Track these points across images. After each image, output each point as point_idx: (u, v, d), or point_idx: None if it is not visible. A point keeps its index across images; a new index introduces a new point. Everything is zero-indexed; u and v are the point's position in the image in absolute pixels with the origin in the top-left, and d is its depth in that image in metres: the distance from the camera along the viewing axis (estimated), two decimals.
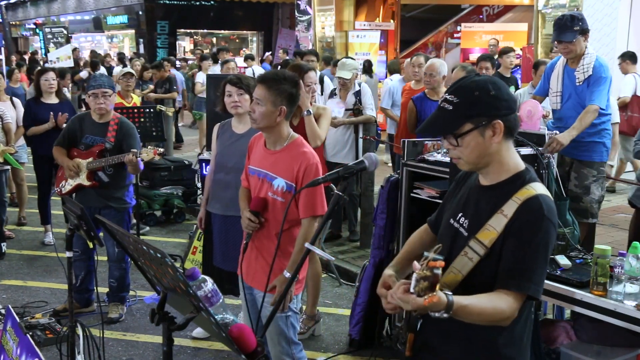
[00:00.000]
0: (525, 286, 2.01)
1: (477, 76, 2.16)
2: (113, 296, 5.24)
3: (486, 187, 2.16)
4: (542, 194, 2.07)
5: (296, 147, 3.32)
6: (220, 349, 4.67)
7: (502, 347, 2.14)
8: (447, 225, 2.25)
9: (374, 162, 2.69)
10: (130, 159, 4.74)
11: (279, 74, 3.30)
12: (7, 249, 6.78)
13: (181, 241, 7.09)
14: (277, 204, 3.27)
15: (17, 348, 3.16)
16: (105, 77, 5.11)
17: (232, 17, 24.68)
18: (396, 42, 15.88)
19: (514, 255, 2.02)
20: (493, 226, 2.05)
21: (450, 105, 2.07)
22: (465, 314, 1.92)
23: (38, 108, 6.81)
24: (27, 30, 33.68)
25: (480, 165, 2.13)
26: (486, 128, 2.06)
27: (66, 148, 5.06)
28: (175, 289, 2.13)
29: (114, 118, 5.03)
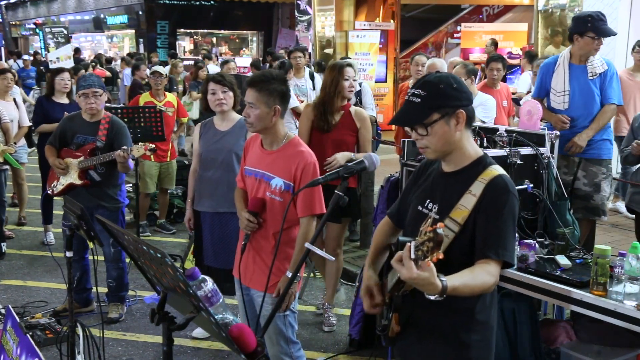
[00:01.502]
0: (501, 253, 2.26)
1: (439, 72, 2.45)
2: (112, 296, 5.24)
3: (451, 173, 2.43)
4: (503, 173, 2.36)
5: (293, 147, 3.33)
6: (220, 349, 4.67)
7: (477, 313, 2.41)
8: (416, 212, 2.48)
9: (373, 162, 2.70)
10: (120, 155, 4.74)
11: (266, 74, 3.29)
12: (7, 249, 6.78)
13: (181, 241, 7.09)
14: (275, 203, 3.27)
15: (17, 348, 3.16)
16: (95, 77, 5.10)
17: (232, 17, 24.69)
18: (396, 42, 15.86)
19: (487, 227, 2.28)
20: (464, 205, 2.31)
21: (419, 98, 2.32)
22: (458, 293, 2.14)
23: (50, 106, 6.82)
24: (27, 30, 33.68)
25: (446, 152, 2.38)
26: (451, 117, 2.33)
27: (58, 148, 5.06)
28: (175, 289, 2.13)
29: (105, 117, 5.03)
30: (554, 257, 3.59)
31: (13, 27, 34.28)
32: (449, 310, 2.37)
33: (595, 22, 4.90)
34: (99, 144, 4.94)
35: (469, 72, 5.79)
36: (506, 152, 3.85)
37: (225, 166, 4.43)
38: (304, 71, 8.68)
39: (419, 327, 2.44)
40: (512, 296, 3.68)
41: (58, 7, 30.17)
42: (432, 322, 2.42)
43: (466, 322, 2.40)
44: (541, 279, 3.39)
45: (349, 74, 4.82)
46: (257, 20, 25.14)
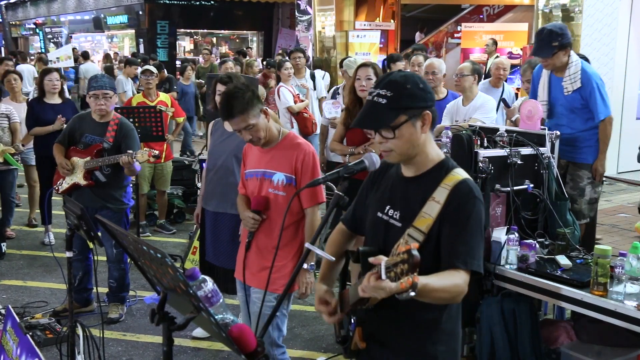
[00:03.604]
0: (470, 262, 2.15)
1: (402, 72, 2.32)
2: (113, 296, 5.23)
3: (412, 177, 2.31)
4: (467, 177, 2.25)
5: (290, 140, 3.40)
6: (221, 349, 4.67)
7: (443, 323, 2.32)
8: (376, 219, 2.38)
9: (374, 162, 2.68)
10: (125, 160, 4.74)
11: (232, 94, 3.25)
12: (7, 249, 6.78)
13: (181, 241, 7.09)
14: (278, 198, 3.31)
15: (17, 348, 3.15)
16: (107, 78, 5.10)
17: (232, 17, 24.66)
18: (396, 42, 15.87)
19: (454, 236, 2.17)
20: (428, 213, 2.20)
21: (384, 99, 2.19)
22: (428, 291, 2.01)
23: (41, 108, 6.81)
24: (27, 30, 33.65)
25: (410, 156, 2.27)
26: (417, 119, 2.22)
27: (66, 146, 5.06)
28: (175, 289, 2.12)
29: (114, 118, 5.03)
30: (554, 257, 3.59)
31: (13, 27, 34.24)
32: (414, 323, 2.30)
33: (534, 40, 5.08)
34: (106, 145, 4.94)
35: (473, 71, 5.74)
36: (506, 152, 3.84)
37: (225, 167, 4.43)
38: (304, 71, 8.67)
39: (384, 341, 2.36)
40: (513, 296, 3.68)
41: (58, 7, 30.13)
42: (397, 335, 2.34)
43: (432, 334, 2.32)
44: (542, 279, 3.39)
45: (359, 74, 4.86)
46: (257, 20, 25.12)
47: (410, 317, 2.28)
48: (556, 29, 4.98)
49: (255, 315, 3.37)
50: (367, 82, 4.87)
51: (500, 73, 6.81)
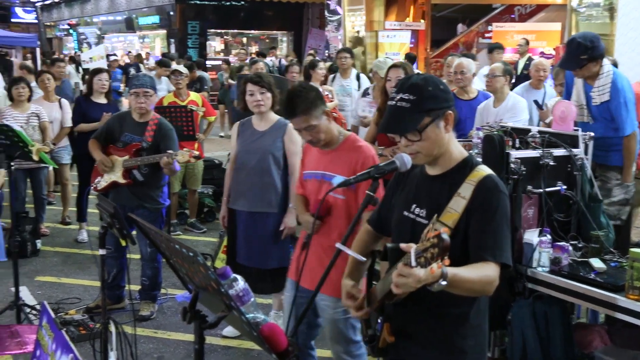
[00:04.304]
0: (498, 254, 2.18)
1: (421, 74, 2.36)
2: (145, 294, 5.29)
3: (436, 176, 2.36)
4: (491, 173, 2.30)
5: (351, 143, 3.35)
6: (250, 348, 4.69)
7: (472, 318, 2.34)
8: (402, 217, 2.42)
9: (405, 163, 2.67)
10: (165, 160, 4.77)
11: (296, 93, 3.26)
12: (42, 246, 6.89)
13: (211, 240, 7.14)
14: (338, 202, 3.29)
15: (52, 343, 3.21)
16: (148, 77, 5.16)
17: (262, 17, 24.79)
18: (427, 42, 15.80)
19: (481, 230, 2.21)
20: (454, 208, 2.24)
21: (408, 103, 2.24)
22: (459, 282, 2.03)
23: (88, 106, 6.93)
24: (61, 31, 34.19)
25: (436, 156, 2.31)
26: (440, 119, 2.27)
27: (102, 143, 5.12)
28: (206, 288, 2.14)
29: (154, 118, 5.08)
30: (588, 260, 3.54)
31: (48, 28, 34.83)
32: (442, 317, 2.32)
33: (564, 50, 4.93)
34: (145, 144, 5.00)
35: (505, 72, 5.66)
36: (539, 153, 3.80)
37: (261, 167, 4.45)
38: (350, 72, 8.64)
39: (412, 336, 2.38)
40: (545, 299, 3.63)
41: (91, 7, 30.57)
42: (426, 330, 2.36)
43: (460, 328, 2.34)
44: (575, 282, 3.35)
45: (390, 75, 4.85)
46: (287, 20, 25.22)
47: (438, 312, 2.30)
48: (586, 41, 4.78)
49: (326, 320, 3.40)
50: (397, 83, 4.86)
51: (540, 74, 6.69)
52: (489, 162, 2.45)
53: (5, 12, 31.97)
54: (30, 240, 6.69)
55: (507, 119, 5.20)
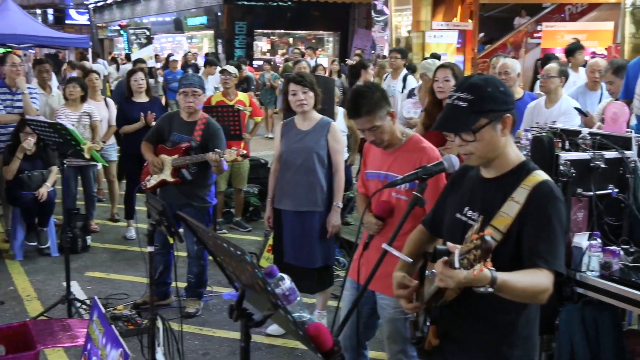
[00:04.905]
0: (551, 262, 2.13)
1: (482, 75, 2.33)
2: (191, 291, 5.35)
3: (492, 179, 2.32)
4: (547, 179, 2.25)
5: (414, 144, 3.34)
6: (295, 347, 4.72)
7: (520, 327, 2.29)
8: (454, 220, 2.39)
9: (453, 164, 2.66)
10: (213, 158, 4.82)
11: (360, 94, 3.24)
12: (92, 242, 7.05)
13: (257, 239, 7.19)
14: (401, 202, 3.28)
15: (102, 337, 3.28)
16: (197, 77, 5.23)
17: (308, 17, 24.87)
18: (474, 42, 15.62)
19: (535, 236, 2.15)
20: (507, 212, 2.20)
21: (465, 102, 2.21)
22: (509, 288, 1.99)
23: (129, 107, 7.08)
24: (111, 31, 34.88)
25: (490, 158, 2.28)
26: (498, 122, 2.23)
27: (154, 144, 5.21)
28: (253, 286, 2.16)
29: (202, 118, 5.14)
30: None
31: (99, 29, 35.58)
32: (489, 323, 2.29)
33: None
34: (194, 143, 5.06)
35: (560, 72, 5.53)
36: (589, 155, 3.72)
37: (306, 166, 4.48)
38: (400, 72, 8.59)
39: (458, 340, 2.35)
40: (594, 304, 3.56)
41: (141, 9, 31.12)
42: (472, 335, 2.33)
43: (508, 336, 2.29)
44: (626, 287, 3.27)
45: (438, 76, 4.82)
46: (333, 20, 25.24)
47: (485, 318, 2.26)
48: None
49: (385, 319, 3.41)
50: (444, 83, 4.81)
51: (596, 75, 6.48)
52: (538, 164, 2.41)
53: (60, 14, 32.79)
54: (81, 237, 6.86)
55: (560, 123, 5.09)
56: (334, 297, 5.29)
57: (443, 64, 4.98)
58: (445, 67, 4.88)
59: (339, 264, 6.18)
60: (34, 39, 14.12)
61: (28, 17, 15.31)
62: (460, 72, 4.94)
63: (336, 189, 4.54)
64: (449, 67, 4.89)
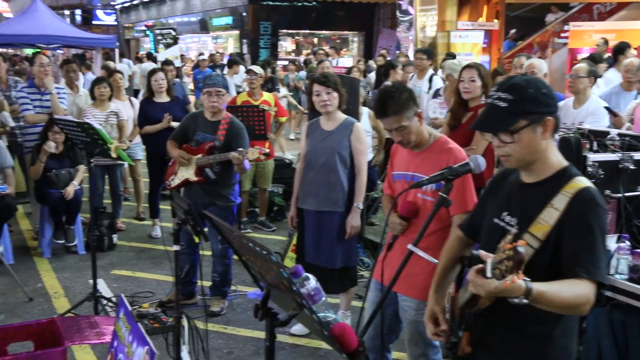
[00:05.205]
0: (593, 271, 2.05)
1: (525, 76, 2.26)
2: (215, 290, 5.38)
3: (531, 184, 2.25)
4: (589, 185, 2.17)
5: (441, 145, 3.32)
6: (318, 347, 4.72)
7: (557, 337, 2.22)
8: (492, 225, 2.33)
9: (479, 165, 2.65)
10: (235, 157, 4.85)
11: (388, 94, 3.23)
12: (118, 241, 7.12)
13: (281, 239, 7.20)
14: (427, 204, 3.27)
15: (129, 335, 3.31)
16: (221, 77, 5.26)
17: (333, 17, 24.87)
18: (500, 42, 15.49)
19: (576, 244, 2.08)
20: (545, 220, 2.13)
21: (505, 102, 2.16)
22: (546, 300, 1.94)
23: (150, 107, 7.13)
24: (138, 32, 35.20)
25: (529, 162, 2.21)
26: (538, 124, 2.16)
27: (179, 143, 5.25)
28: (278, 286, 2.16)
29: (226, 117, 5.17)
30: None
31: (126, 29, 35.93)
32: (524, 333, 2.22)
33: None
34: (217, 143, 5.09)
35: (589, 73, 5.45)
36: (618, 156, 3.67)
37: (328, 166, 4.49)
38: (426, 73, 8.58)
39: (492, 349, 2.30)
40: (623, 308, 3.51)
41: (167, 9, 31.38)
42: (506, 345, 2.27)
43: (544, 348, 2.22)
44: None
45: (463, 76, 4.80)
46: (358, 20, 25.21)
47: (520, 328, 2.20)
48: None
49: (406, 322, 3.40)
50: (470, 84, 4.79)
51: (630, 76, 6.37)
52: None
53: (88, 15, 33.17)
54: (107, 235, 6.94)
55: (588, 124, 5.03)
56: (358, 298, 5.29)
57: (469, 64, 4.96)
58: (471, 68, 4.85)
59: (363, 265, 6.17)
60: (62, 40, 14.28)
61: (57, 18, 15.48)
62: (486, 72, 4.91)
63: (357, 190, 4.53)
64: (474, 67, 4.86)
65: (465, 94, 4.81)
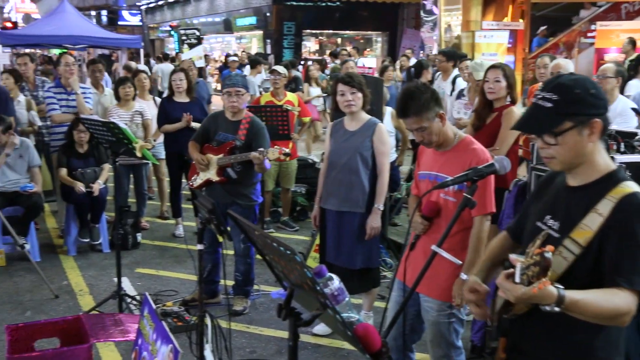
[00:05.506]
0: (636, 281, 1.97)
1: (573, 74, 2.15)
2: (238, 289, 5.40)
3: (576, 187, 2.16)
4: (637, 191, 2.06)
5: (466, 145, 3.31)
6: (340, 347, 4.71)
7: (599, 349, 2.11)
8: (534, 228, 2.24)
9: (504, 166, 2.64)
10: (256, 157, 4.87)
11: (409, 94, 3.21)
12: (142, 239, 7.18)
13: (304, 239, 7.21)
14: (449, 204, 3.26)
15: (153, 333, 3.33)
16: (240, 77, 5.28)
17: (357, 17, 24.85)
18: (525, 42, 15.35)
19: (619, 252, 1.99)
20: (588, 225, 2.04)
21: (550, 102, 2.07)
22: (579, 309, 1.89)
23: (170, 106, 7.18)
24: (163, 32, 35.47)
25: (574, 165, 2.13)
26: (585, 127, 2.07)
27: (200, 144, 5.28)
28: (302, 286, 2.16)
29: (246, 117, 5.19)
30: None
31: (151, 29, 36.23)
32: (562, 342, 2.12)
33: None
34: (238, 143, 5.12)
35: (617, 73, 5.38)
36: None
37: (350, 166, 4.48)
38: (450, 74, 8.55)
39: (528, 354, 2.22)
40: None
41: (192, 9, 31.59)
42: (543, 352, 2.18)
43: (583, 358, 2.13)
44: None
45: (488, 76, 4.76)
46: (382, 20, 25.17)
47: (557, 336, 2.12)
48: None
49: (428, 322, 3.40)
50: (495, 84, 4.75)
51: None
52: None
53: (114, 16, 33.51)
54: (132, 234, 7.00)
55: (616, 124, 4.97)
56: (380, 298, 5.28)
57: (494, 65, 4.92)
58: (496, 68, 4.82)
59: (386, 265, 6.15)
60: (89, 40, 14.46)
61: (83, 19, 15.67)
62: (511, 73, 4.87)
63: (378, 191, 4.51)
64: (500, 67, 4.83)
65: (490, 94, 4.78)
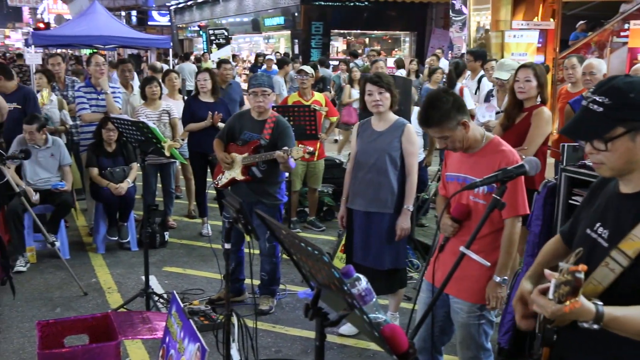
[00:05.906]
0: None
1: (628, 77, 2.00)
2: (264, 289, 5.41)
3: (628, 195, 2.03)
4: None
5: (494, 147, 3.26)
6: (366, 348, 4.70)
7: None
8: (584, 235, 2.13)
9: (534, 167, 2.60)
10: (280, 155, 4.87)
11: (431, 103, 3.16)
12: (169, 238, 7.24)
13: (330, 238, 7.21)
14: (479, 206, 3.23)
15: (180, 331, 3.35)
16: (266, 77, 5.29)
17: (385, 17, 24.78)
18: (556, 42, 15.16)
19: None
20: (638, 236, 1.90)
21: (601, 106, 1.94)
22: (619, 325, 1.80)
23: (196, 105, 7.23)
24: (191, 32, 35.75)
25: (624, 171, 2.00)
26: (638, 133, 1.93)
27: (225, 143, 5.31)
28: (329, 286, 2.15)
29: (272, 116, 5.20)
30: None
31: (179, 29, 36.54)
32: (608, 357, 2.00)
33: None
34: (263, 142, 5.13)
35: None
36: None
37: (378, 167, 4.47)
38: (477, 74, 8.51)
39: None
40: None
41: (220, 10, 31.77)
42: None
43: None
44: None
45: (519, 76, 4.72)
46: (410, 20, 25.07)
47: (605, 349, 2.01)
48: None
49: (457, 324, 3.38)
50: (525, 84, 4.70)
51: None
52: None
53: (143, 16, 33.89)
54: (159, 232, 7.05)
55: None
56: (407, 299, 5.25)
57: (524, 64, 4.87)
58: (527, 67, 4.76)
59: (413, 266, 6.12)
60: (119, 40, 14.62)
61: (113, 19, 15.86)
62: (542, 72, 4.81)
63: (408, 192, 4.49)
64: (530, 67, 4.77)
65: (520, 94, 4.72)
